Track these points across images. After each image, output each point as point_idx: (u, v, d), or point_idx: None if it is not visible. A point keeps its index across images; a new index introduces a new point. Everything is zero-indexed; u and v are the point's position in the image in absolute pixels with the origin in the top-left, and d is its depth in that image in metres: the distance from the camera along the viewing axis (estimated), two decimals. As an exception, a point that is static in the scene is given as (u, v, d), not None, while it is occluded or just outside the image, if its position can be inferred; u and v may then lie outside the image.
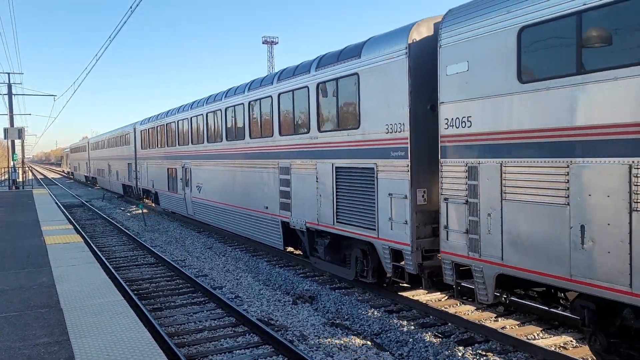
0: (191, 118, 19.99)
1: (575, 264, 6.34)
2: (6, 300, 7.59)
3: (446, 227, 8.34)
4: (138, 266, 14.88)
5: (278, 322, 9.68)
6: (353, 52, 10.51)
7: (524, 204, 6.99)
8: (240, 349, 8.38)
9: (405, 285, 10.34)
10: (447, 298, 10.82)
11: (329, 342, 8.64)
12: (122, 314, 6.78)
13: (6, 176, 47.70)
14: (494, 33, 7.35)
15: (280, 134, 13.28)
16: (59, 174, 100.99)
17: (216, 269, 14.36)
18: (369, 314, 10.02)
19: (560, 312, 7.61)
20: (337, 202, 11.07)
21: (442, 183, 8.37)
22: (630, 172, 5.68)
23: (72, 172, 71.42)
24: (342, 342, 8.60)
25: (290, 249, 14.92)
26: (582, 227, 6.22)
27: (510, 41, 7.07)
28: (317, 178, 11.74)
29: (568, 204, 6.38)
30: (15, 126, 37.76)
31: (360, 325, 9.54)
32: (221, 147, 17.12)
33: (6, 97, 38.21)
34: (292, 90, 12.52)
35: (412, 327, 9.17)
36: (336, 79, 10.91)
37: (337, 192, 11.08)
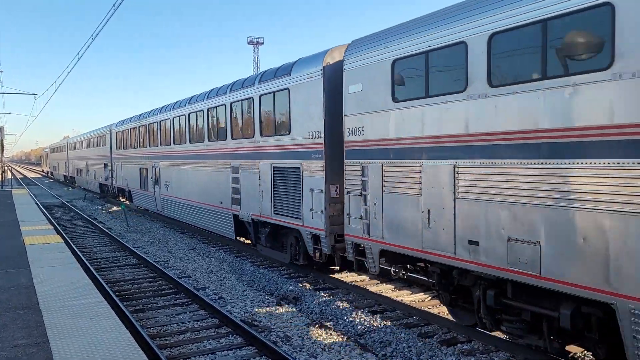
0: (160, 122, 21.83)
1: (425, 239, 8.41)
2: (-16, 302, 7.44)
3: (348, 214, 10.35)
4: (120, 267, 14.71)
5: (262, 323, 9.64)
6: (285, 70, 12.45)
7: (396, 195, 9.03)
8: (224, 350, 8.33)
9: (334, 268, 12.61)
10: (431, 298, 10.92)
11: (312, 342, 8.63)
12: (102, 315, 6.68)
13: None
14: (377, 62, 9.36)
15: (232, 137, 15.21)
16: (39, 173, 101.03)
17: (199, 270, 14.26)
18: (353, 314, 10.03)
19: (422, 277, 10.02)
20: (274, 196, 13.04)
21: (345, 179, 10.42)
22: (454, 170, 7.75)
23: (51, 172, 72.95)
24: (325, 342, 8.59)
25: (244, 240, 16.97)
26: (429, 211, 8.29)
27: (387, 70, 9.08)
28: (259, 176, 13.69)
29: (421, 194, 8.43)
30: (-6, 125, 37.05)
31: (344, 325, 9.54)
32: (185, 149, 19.02)
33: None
34: (241, 100, 14.47)
35: (396, 328, 9.20)
36: (273, 92, 12.85)
37: (274, 188, 13.04)
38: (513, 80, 6.87)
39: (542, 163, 6.49)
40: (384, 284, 12.21)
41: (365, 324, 9.51)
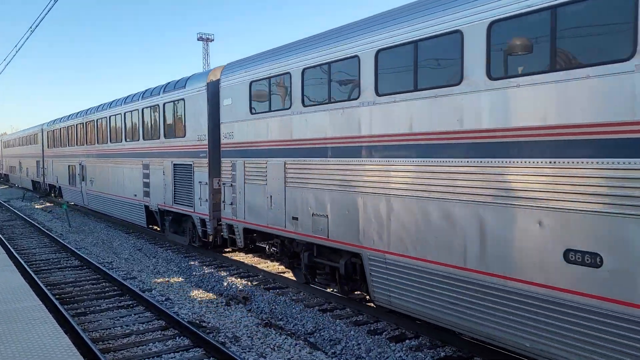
0: (85, 123, 23.90)
1: (269, 218, 11.09)
2: None
3: (223, 201, 12.92)
4: (61, 269, 14.08)
5: (210, 324, 9.44)
6: (182, 83, 15.01)
7: (252, 185, 11.67)
8: (170, 353, 8.09)
9: (228, 250, 15.09)
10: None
11: (262, 342, 8.52)
12: (39, 320, 6.34)
13: None
14: (241, 82, 11.93)
15: (144, 139, 17.62)
16: None
17: (146, 271, 13.84)
18: (303, 313, 9.98)
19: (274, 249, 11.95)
20: (174, 188, 15.60)
21: (222, 174, 13.00)
22: (285, 165, 10.51)
23: None
24: (275, 342, 8.50)
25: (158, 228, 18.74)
26: (271, 196, 11.00)
27: (247, 88, 11.74)
28: (164, 172, 16.24)
29: (266, 184, 11.14)
30: None
31: (294, 324, 9.48)
32: (107, 148, 21.31)
33: None
34: (150, 107, 16.92)
35: (346, 326, 9.21)
36: (173, 101, 15.44)
37: (174, 181, 15.62)
38: (320, 100, 9.59)
39: (327, 161, 9.43)
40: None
41: (315, 322, 9.48)
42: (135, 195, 18.53)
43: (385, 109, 8.17)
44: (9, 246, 16.34)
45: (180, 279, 12.87)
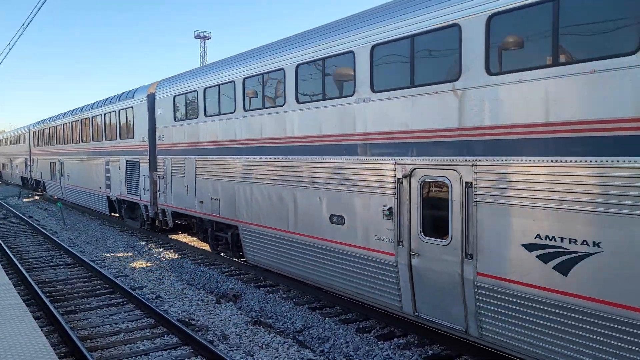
0: (64, 124, 26.69)
1: (186, 202, 14.06)
2: None
3: (159, 191, 15.95)
4: (53, 267, 14.06)
5: (199, 322, 9.43)
6: (132, 93, 18.11)
7: (176, 177, 14.63)
8: (158, 351, 8.09)
9: (166, 228, 17.24)
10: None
11: (250, 340, 8.51)
12: (18, 319, 6.31)
13: None
14: (168, 96, 15.04)
15: (105, 139, 20.73)
16: None
17: (138, 269, 13.83)
18: (293, 311, 9.97)
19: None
20: (127, 181, 18.71)
21: (157, 169, 16.03)
22: (195, 161, 13.42)
23: None
24: (264, 340, 8.49)
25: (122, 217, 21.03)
26: (187, 186, 13.90)
27: (171, 101, 14.79)
28: (119, 167, 19.28)
29: (184, 176, 14.03)
30: None
31: (283, 322, 9.47)
32: (78, 147, 24.39)
33: None
34: (110, 112, 20.12)
35: (334, 324, 9.20)
36: (125, 108, 18.54)
37: (127, 175, 18.63)
38: (214, 112, 12.55)
39: (218, 158, 12.39)
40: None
41: (305, 320, 9.47)
42: (100, 188, 21.63)
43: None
44: (2, 244, 16.30)
45: (172, 277, 12.85)
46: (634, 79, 5.10)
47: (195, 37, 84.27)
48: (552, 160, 5.74)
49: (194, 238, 16.87)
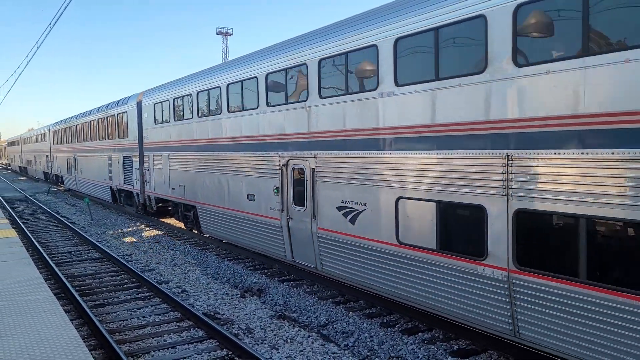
0: (77, 125, 30.74)
1: (164, 189, 17.35)
2: None
3: (146, 181, 19.14)
4: (82, 261, 14.36)
5: (224, 316, 9.53)
6: (126, 100, 21.54)
7: (157, 169, 17.96)
8: (184, 344, 8.20)
9: (165, 219, 20.41)
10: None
11: (274, 334, 8.56)
12: (49, 312, 6.46)
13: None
14: (149, 103, 18.43)
15: (108, 138, 24.33)
16: None
17: (164, 263, 14.03)
18: (317, 305, 10.00)
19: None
20: (124, 173, 22.01)
21: (144, 162, 19.28)
22: (169, 157, 16.83)
23: (9, 164, 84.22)
24: (288, 334, 8.54)
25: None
26: (164, 176, 17.34)
27: (152, 107, 18.09)
28: (118, 161, 22.68)
29: (162, 168, 17.36)
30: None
31: (307, 317, 9.51)
32: (87, 145, 28.42)
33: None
34: (110, 116, 23.81)
35: (358, 318, 9.21)
36: (121, 113, 22.06)
37: (124, 168, 21.96)
38: (180, 117, 16.11)
39: (182, 153, 15.72)
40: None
41: (328, 314, 9.49)
42: (105, 180, 25.35)
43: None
44: (33, 239, 16.71)
45: (197, 271, 13.01)
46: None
47: (217, 34, 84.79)
48: (346, 155, 9.18)
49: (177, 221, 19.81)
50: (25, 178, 56.80)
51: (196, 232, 16.91)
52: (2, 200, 29.87)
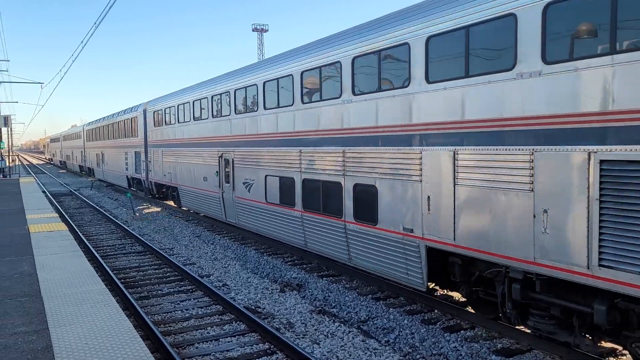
0: (103, 126, 38.03)
1: (160, 176, 23.88)
2: (-13, 289, 7.45)
3: (150, 170, 24.96)
4: (126, 254, 14.76)
5: (265, 310, 9.63)
6: (136, 108, 27.81)
7: (156, 161, 23.97)
8: (227, 337, 8.32)
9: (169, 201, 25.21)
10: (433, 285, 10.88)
11: (315, 329, 8.60)
12: (103, 303, 6.67)
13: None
14: (150, 111, 24.54)
15: (124, 137, 30.46)
16: (42, 160, 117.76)
17: (204, 257, 14.28)
18: (357, 301, 9.99)
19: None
20: (135, 165, 28.01)
21: (148, 156, 25.22)
22: (162, 152, 23.12)
23: (51, 158, 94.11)
24: (328, 329, 8.56)
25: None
26: (161, 165, 23.52)
27: (152, 114, 24.32)
28: (131, 156, 28.72)
29: (158, 160, 23.79)
30: (2, 114, 37.19)
31: (347, 312, 9.51)
32: (110, 143, 35.21)
33: (-8, 84, 37.73)
34: (125, 120, 30.15)
35: (399, 314, 9.15)
36: (132, 117, 28.09)
37: (135, 161, 27.99)
38: (168, 122, 22.24)
39: (170, 149, 21.78)
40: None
41: (368, 310, 9.47)
42: (122, 170, 31.89)
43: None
44: (79, 232, 17.27)
45: (237, 266, 13.18)
46: None
47: (253, 30, 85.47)
48: (250, 150, 14.55)
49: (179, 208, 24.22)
50: (65, 171, 63.91)
51: (183, 208, 22.57)
52: (49, 194, 30.96)
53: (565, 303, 6.76)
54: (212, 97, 16.98)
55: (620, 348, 7.21)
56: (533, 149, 6.51)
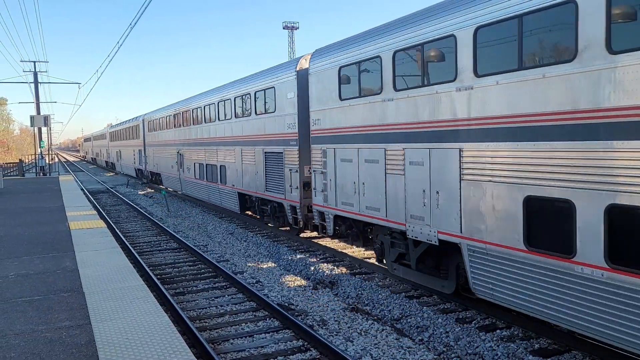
0: (119, 129, 46.97)
1: (152, 167, 34.54)
2: (30, 285, 7.72)
3: (147, 163, 35.39)
4: (161, 251, 15.06)
5: (298, 307, 9.69)
6: (138, 118, 38.50)
7: (149, 156, 34.88)
8: (261, 334, 8.42)
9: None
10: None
11: (348, 327, 8.62)
12: (142, 299, 6.84)
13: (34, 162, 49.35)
14: (146, 120, 35.03)
15: (133, 139, 40.91)
16: (77, 157, 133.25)
17: (237, 254, 14.45)
18: (390, 299, 9.96)
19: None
20: (138, 159, 39.17)
21: (147, 153, 35.10)
22: (153, 149, 33.68)
23: (84, 155, 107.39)
24: (362, 327, 8.57)
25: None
26: (152, 158, 33.85)
27: (146, 123, 34.84)
28: (137, 152, 39.24)
29: (150, 155, 34.84)
30: (41, 114, 38.38)
31: (380, 310, 9.50)
32: (124, 142, 44.44)
33: (32, 85, 38.87)
34: (132, 125, 41.08)
35: (433, 313, 9.09)
36: (136, 124, 38.81)
37: (138, 156, 38.61)
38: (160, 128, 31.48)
39: (155, 148, 32.54)
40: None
41: (402, 308, 9.43)
42: (133, 164, 40.70)
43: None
44: (116, 229, 17.71)
45: (270, 263, 13.31)
46: None
47: (284, 28, 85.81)
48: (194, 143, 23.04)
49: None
50: (94, 166, 75.44)
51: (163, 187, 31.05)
52: (86, 192, 31.84)
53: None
54: (174, 115, 26.64)
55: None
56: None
